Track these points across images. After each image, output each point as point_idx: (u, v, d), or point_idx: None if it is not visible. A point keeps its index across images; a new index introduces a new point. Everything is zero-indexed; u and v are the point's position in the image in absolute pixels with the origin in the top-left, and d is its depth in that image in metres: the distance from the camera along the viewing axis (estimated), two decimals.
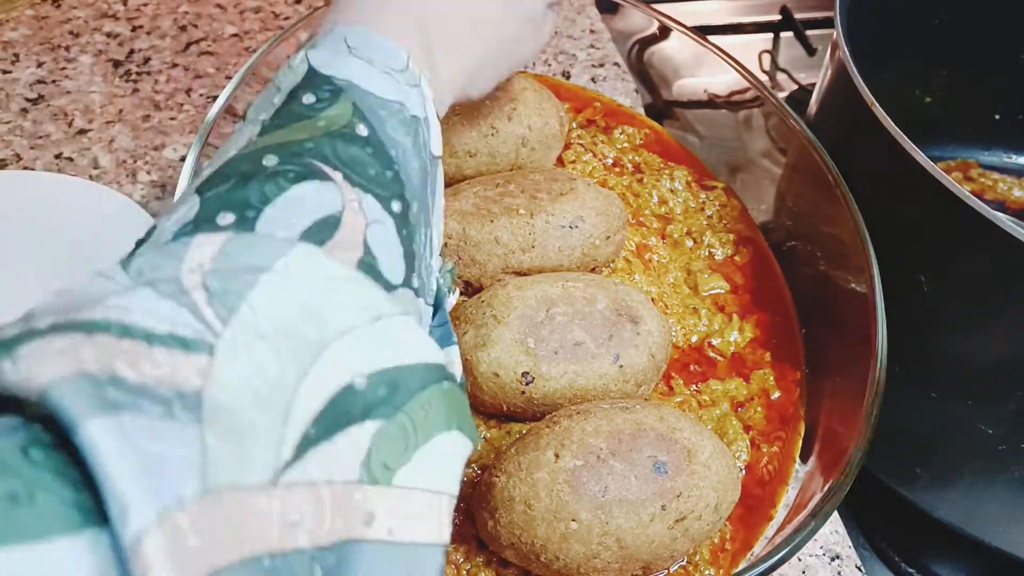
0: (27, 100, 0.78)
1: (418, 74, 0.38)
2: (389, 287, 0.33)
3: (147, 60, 0.83)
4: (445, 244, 0.52)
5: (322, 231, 0.30)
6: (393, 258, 0.33)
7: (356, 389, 0.27)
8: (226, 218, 0.29)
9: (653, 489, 0.41)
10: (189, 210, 0.30)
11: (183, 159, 0.74)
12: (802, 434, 0.54)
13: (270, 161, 0.31)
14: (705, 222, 0.65)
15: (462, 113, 0.58)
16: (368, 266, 0.32)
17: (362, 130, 0.34)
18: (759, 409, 0.54)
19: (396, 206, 0.34)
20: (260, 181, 0.30)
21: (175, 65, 0.83)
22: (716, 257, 0.63)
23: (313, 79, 0.35)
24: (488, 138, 0.58)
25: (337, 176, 0.32)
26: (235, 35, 0.87)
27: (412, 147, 0.36)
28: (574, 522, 0.40)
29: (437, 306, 0.38)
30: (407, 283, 0.34)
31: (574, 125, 0.70)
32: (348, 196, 0.32)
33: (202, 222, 0.29)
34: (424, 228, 0.37)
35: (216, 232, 0.28)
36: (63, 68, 0.81)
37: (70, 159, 0.73)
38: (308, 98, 0.35)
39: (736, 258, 0.63)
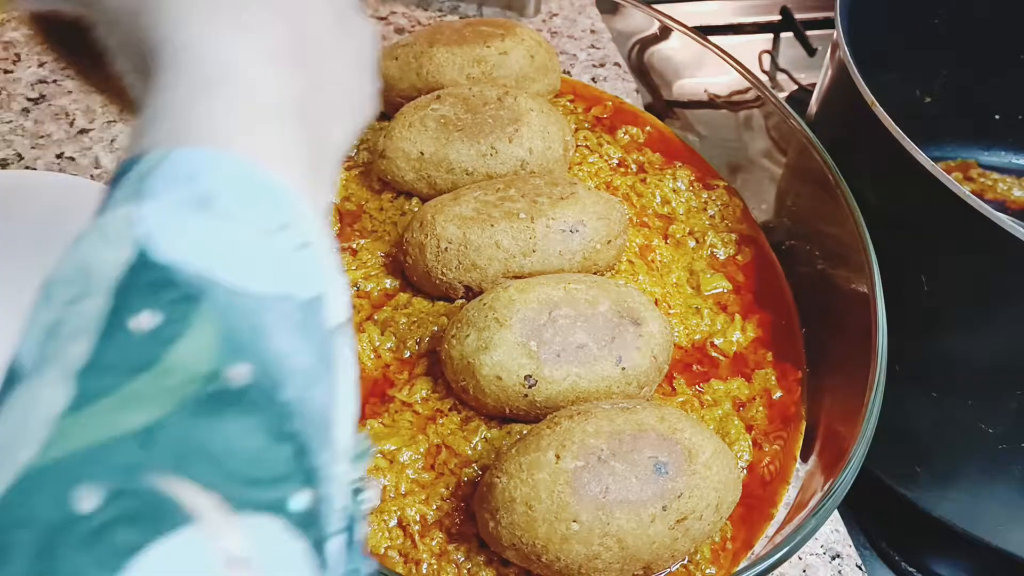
0: (28, 100, 0.78)
1: (310, 226, 0.25)
2: None
3: None
4: (445, 249, 0.52)
5: None
6: None
7: None
8: None
9: (654, 490, 0.41)
10: None
11: None
12: (803, 433, 0.54)
13: (85, 503, 0.18)
14: (707, 222, 0.65)
15: (463, 129, 0.58)
16: None
17: (238, 376, 0.21)
18: (761, 409, 0.55)
19: (299, 501, 0.21)
20: (70, 556, 0.18)
21: None
22: (718, 257, 0.63)
23: (147, 275, 0.22)
24: (487, 158, 0.58)
25: (203, 504, 0.19)
26: None
27: (318, 360, 0.24)
28: (575, 523, 0.40)
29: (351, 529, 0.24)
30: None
31: (585, 126, 0.70)
32: (228, 543, 0.19)
33: None
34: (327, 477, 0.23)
35: None
36: (64, 67, 0.81)
37: (71, 159, 0.73)
38: (144, 321, 0.21)
39: (738, 258, 0.63)
